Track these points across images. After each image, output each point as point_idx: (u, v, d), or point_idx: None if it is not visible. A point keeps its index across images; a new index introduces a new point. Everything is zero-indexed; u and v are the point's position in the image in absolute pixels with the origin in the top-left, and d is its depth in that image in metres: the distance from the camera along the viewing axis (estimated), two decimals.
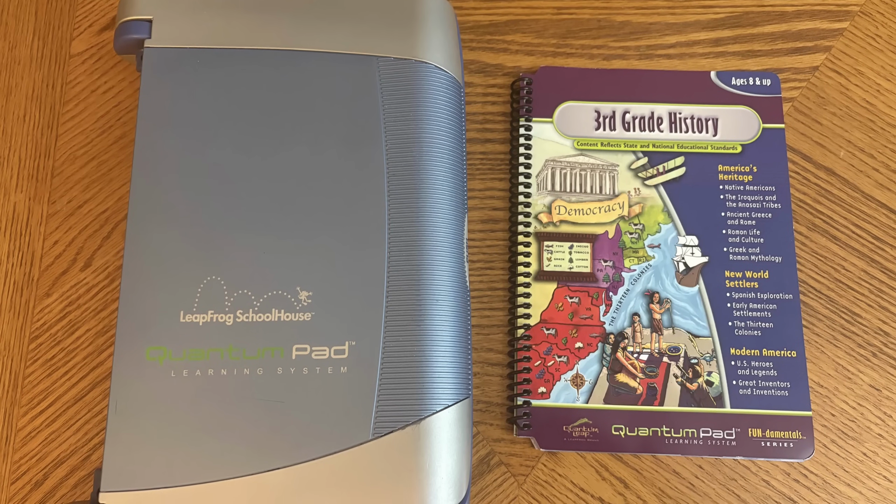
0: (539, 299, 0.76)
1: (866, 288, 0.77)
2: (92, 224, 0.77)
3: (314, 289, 0.65)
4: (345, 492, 0.61)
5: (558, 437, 0.72)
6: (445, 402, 0.64)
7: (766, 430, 0.72)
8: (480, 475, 0.73)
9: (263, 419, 0.62)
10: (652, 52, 0.83)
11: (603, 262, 0.77)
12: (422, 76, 0.71)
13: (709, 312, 0.75)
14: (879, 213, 0.79)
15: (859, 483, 0.73)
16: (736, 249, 0.77)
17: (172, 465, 0.61)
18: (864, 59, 0.84)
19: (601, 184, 0.79)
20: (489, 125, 0.82)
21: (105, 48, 0.82)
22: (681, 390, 0.73)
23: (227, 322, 0.64)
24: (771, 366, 0.74)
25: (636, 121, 0.80)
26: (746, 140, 0.80)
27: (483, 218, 0.79)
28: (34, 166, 0.78)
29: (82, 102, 0.80)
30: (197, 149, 0.67)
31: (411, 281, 0.65)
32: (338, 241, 0.66)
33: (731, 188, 0.78)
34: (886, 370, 0.75)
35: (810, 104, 0.82)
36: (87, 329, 0.74)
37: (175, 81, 0.69)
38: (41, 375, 0.73)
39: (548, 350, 0.74)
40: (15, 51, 0.81)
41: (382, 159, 0.68)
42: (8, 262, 0.76)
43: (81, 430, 0.72)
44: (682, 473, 0.73)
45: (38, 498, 0.71)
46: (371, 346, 0.64)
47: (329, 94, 0.69)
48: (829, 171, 0.80)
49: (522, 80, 0.81)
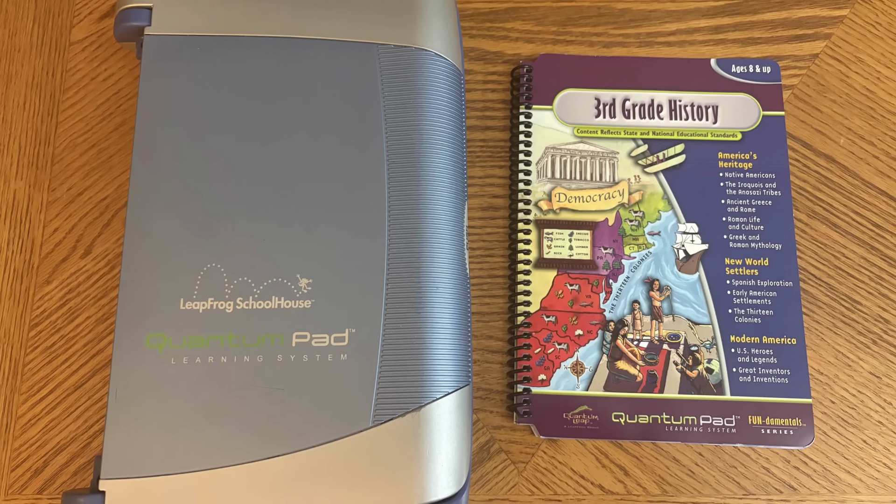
0: (539, 287, 0.75)
1: (866, 275, 0.77)
2: (92, 211, 0.76)
3: (314, 276, 0.64)
4: (345, 479, 0.61)
5: (558, 425, 0.72)
6: (445, 390, 0.63)
7: (766, 417, 0.72)
8: (480, 462, 0.72)
9: (263, 406, 0.62)
10: (652, 39, 0.83)
11: (603, 249, 0.76)
12: (422, 64, 0.70)
13: (709, 300, 0.75)
14: (879, 200, 0.79)
15: (859, 470, 0.73)
16: (736, 237, 0.76)
17: (172, 452, 0.61)
18: (865, 46, 0.83)
19: (601, 171, 0.78)
20: (489, 112, 0.81)
21: (105, 36, 0.82)
22: (681, 378, 0.73)
23: (227, 309, 0.63)
24: (771, 353, 0.73)
25: (636, 108, 0.80)
26: (746, 127, 0.79)
27: (483, 205, 0.79)
28: (34, 154, 0.78)
29: (82, 90, 0.80)
30: (197, 136, 0.67)
31: (411, 268, 0.65)
32: (338, 228, 0.65)
33: (731, 175, 0.78)
34: (886, 357, 0.75)
35: (810, 91, 0.82)
36: (87, 316, 0.74)
37: (175, 69, 0.69)
38: (41, 363, 0.73)
39: (548, 337, 0.74)
40: (15, 38, 0.81)
41: (382, 147, 0.67)
42: (8, 250, 0.76)
43: (81, 418, 0.72)
44: (682, 461, 0.73)
45: (38, 485, 0.71)
46: (371, 334, 0.63)
47: (329, 82, 0.69)
48: (829, 159, 0.80)
49: (522, 67, 0.81)
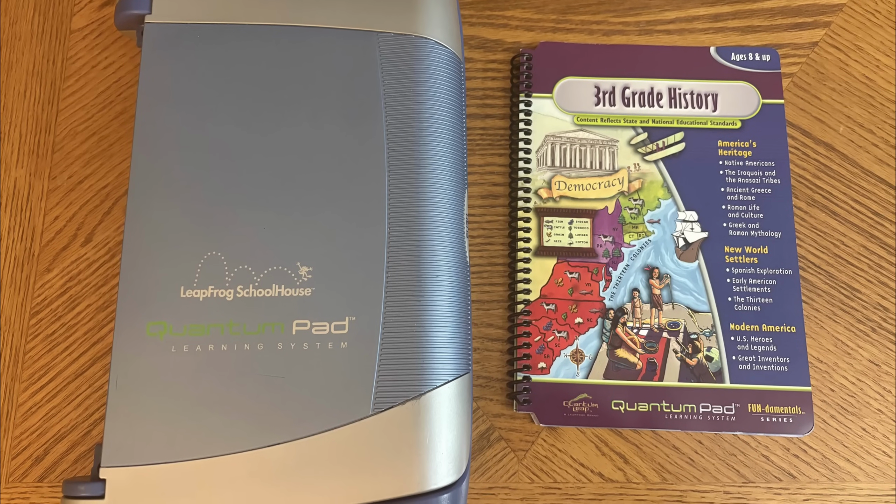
0: (539, 275, 0.75)
1: (865, 263, 0.76)
2: (92, 199, 0.76)
3: (314, 264, 0.64)
4: (345, 467, 0.60)
5: (558, 413, 0.71)
6: (445, 378, 0.63)
7: (765, 405, 0.71)
8: (480, 450, 0.72)
9: (264, 395, 0.61)
10: (652, 27, 0.82)
11: (603, 237, 0.75)
12: (422, 52, 0.69)
13: (708, 288, 0.74)
14: (878, 188, 0.78)
15: (858, 458, 0.72)
16: (735, 225, 0.76)
17: (173, 440, 0.61)
18: (864, 34, 0.82)
19: (601, 159, 0.77)
20: (489, 101, 0.80)
21: (106, 24, 0.81)
22: (680, 366, 0.72)
23: (227, 297, 0.63)
24: (770, 341, 0.73)
25: (636, 96, 0.79)
26: (746, 115, 0.79)
27: (483, 193, 0.78)
28: (35, 142, 0.77)
29: (83, 78, 0.79)
30: (197, 124, 0.67)
31: (411, 256, 0.64)
32: (338, 216, 0.65)
33: (730, 164, 0.77)
34: (885, 345, 0.74)
35: (810, 80, 0.81)
36: (87, 304, 0.73)
37: (176, 57, 0.68)
38: (42, 351, 0.72)
39: (548, 325, 0.73)
40: (15, 26, 0.80)
41: (382, 135, 0.66)
42: (8, 238, 0.75)
43: (82, 406, 0.71)
44: (681, 449, 0.72)
45: (38, 473, 0.70)
46: (371, 322, 0.63)
47: (329, 70, 0.68)
48: (829, 147, 0.79)
49: (522, 55, 0.80)
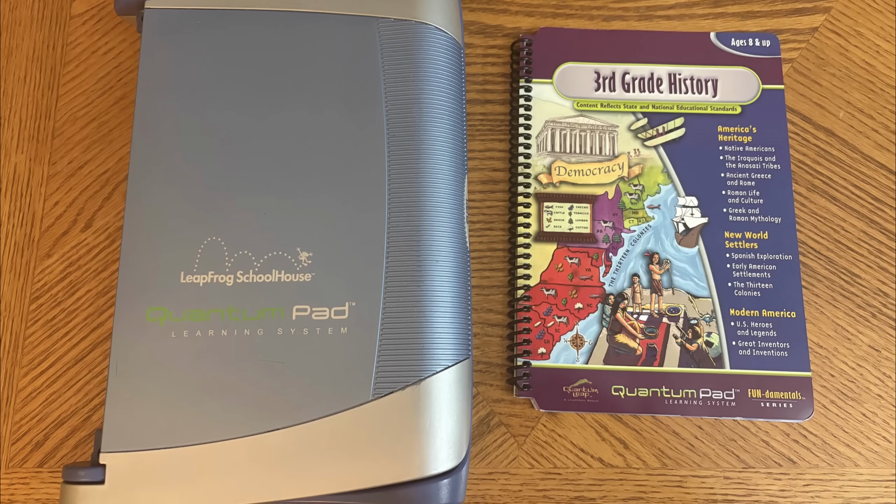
0: (539, 260, 0.74)
1: (865, 249, 0.75)
2: (92, 185, 0.75)
3: (314, 249, 0.63)
4: (345, 452, 0.60)
5: (558, 398, 0.71)
6: (445, 363, 0.62)
7: (765, 390, 0.70)
8: (480, 435, 0.71)
9: (264, 380, 0.61)
10: (651, 13, 0.81)
11: (603, 222, 0.75)
12: (422, 37, 0.69)
13: (708, 273, 0.73)
14: (878, 173, 0.77)
15: (858, 443, 0.71)
16: (735, 210, 0.75)
17: (173, 425, 0.60)
18: (864, 20, 0.81)
19: (601, 145, 0.77)
20: (489, 86, 0.79)
21: (105, 9, 0.80)
22: (680, 351, 0.72)
23: (227, 283, 0.63)
24: (770, 326, 0.72)
25: (636, 82, 0.78)
26: (746, 101, 0.78)
27: (483, 179, 0.77)
28: (35, 127, 0.76)
29: (83, 63, 0.78)
30: (197, 110, 0.66)
31: (411, 242, 0.64)
32: (338, 201, 0.64)
33: (730, 149, 0.76)
34: (885, 331, 0.73)
35: (810, 65, 0.80)
36: (87, 290, 0.73)
37: (175, 42, 0.68)
38: (42, 336, 0.72)
39: (548, 311, 0.73)
40: (15, 12, 0.79)
41: (382, 120, 0.66)
42: (8, 224, 0.74)
43: (82, 391, 0.71)
44: (681, 434, 0.71)
45: (38, 458, 0.70)
46: (371, 307, 0.62)
47: (329, 55, 0.68)
48: (829, 132, 0.78)
49: (522, 41, 0.79)
